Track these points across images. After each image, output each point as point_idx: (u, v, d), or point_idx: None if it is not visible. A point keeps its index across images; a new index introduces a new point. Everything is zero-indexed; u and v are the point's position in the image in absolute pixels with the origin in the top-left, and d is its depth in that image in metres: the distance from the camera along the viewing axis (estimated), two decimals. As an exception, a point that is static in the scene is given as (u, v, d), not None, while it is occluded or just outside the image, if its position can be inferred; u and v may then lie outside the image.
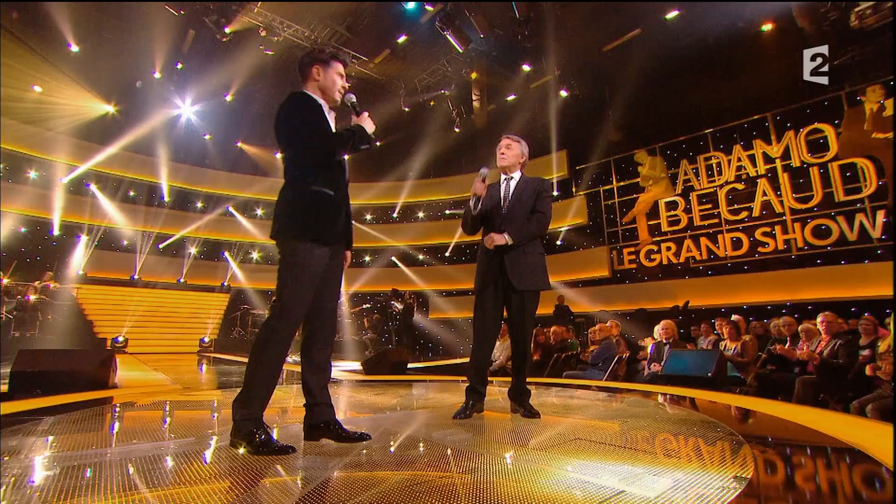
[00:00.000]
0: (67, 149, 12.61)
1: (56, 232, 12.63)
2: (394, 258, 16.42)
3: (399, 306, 12.29)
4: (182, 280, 14.29)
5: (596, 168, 12.79)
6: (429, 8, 9.91)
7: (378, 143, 16.05)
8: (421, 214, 16.80)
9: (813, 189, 9.43)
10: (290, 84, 12.37)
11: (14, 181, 12.37)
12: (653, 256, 11.54)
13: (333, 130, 2.11)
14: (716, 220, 10.70)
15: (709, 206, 10.86)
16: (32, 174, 12.73)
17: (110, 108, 12.69)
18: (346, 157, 2.21)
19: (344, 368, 6.98)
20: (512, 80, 12.39)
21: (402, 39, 11.37)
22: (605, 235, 12.44)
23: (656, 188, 11.63)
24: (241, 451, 1.83)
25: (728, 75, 10.23)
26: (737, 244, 10.36)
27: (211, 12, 10.08)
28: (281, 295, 1.96)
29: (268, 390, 1.94)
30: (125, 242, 13.83)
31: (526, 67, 11.60)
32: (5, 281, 10.35)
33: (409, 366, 6.60)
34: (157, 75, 11.37)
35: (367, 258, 17.02)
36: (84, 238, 13.03)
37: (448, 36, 9.78)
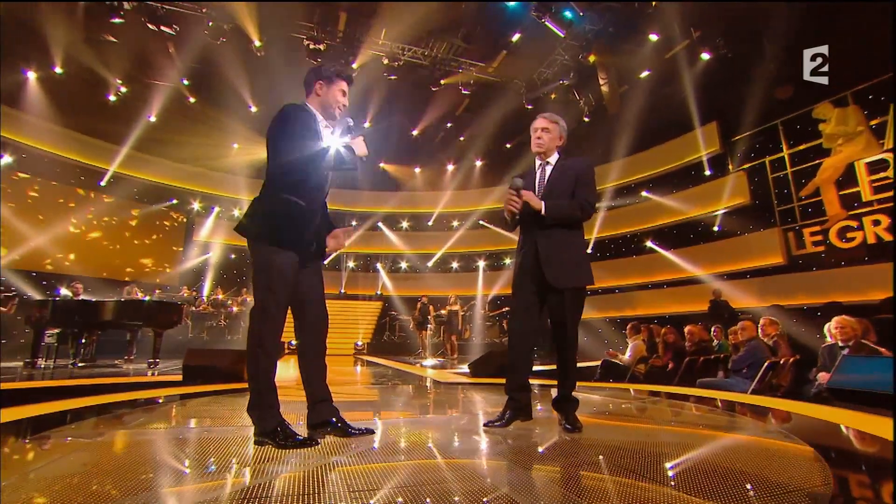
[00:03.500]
0: (251, 188, 15.85)
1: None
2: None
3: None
4: (342, 291, 16.44)
5: (757, 136, 10.46)
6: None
7: (508, 146, 16.13)
8: (557, 212, 16.18)
9: None
10: (418, 102, 13.20)
11: (226, 219, 16.13)
12: (850, 235, 8.88)
13: (323, 144, 2.15)
14: (955, 179, 7.79)
15: (942, 159, 7.95)
16: (235, 212, 16.35)
17: (279, 152, 15.50)
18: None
19: (456, 371, 7.08)
20: (640, 54, 11.04)
21: (515, 38, 11.18)
22: (775, 215, 10.05)
23: (850, 147, 8.96)
24: (266, 446, 1.95)
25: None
26: None
27: (344, 53, 11.48)
28: (258, 300, 2.04)
29: (272, 389, 2.04)
30: (296, 260, 16.79)
31: (653, 37, 10.23)
32: (220, 297, 13.42)
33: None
34: (309, 117, 13.40)
35: (506, 260, 17.08)
36: (268, 259, 16.30)
37: (546, 23, 9.27)
